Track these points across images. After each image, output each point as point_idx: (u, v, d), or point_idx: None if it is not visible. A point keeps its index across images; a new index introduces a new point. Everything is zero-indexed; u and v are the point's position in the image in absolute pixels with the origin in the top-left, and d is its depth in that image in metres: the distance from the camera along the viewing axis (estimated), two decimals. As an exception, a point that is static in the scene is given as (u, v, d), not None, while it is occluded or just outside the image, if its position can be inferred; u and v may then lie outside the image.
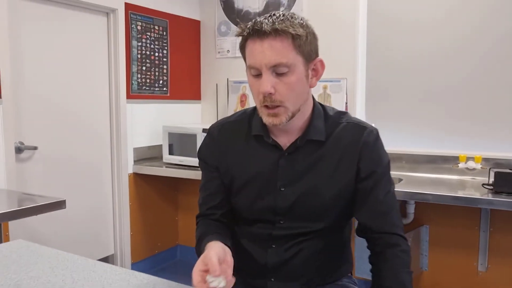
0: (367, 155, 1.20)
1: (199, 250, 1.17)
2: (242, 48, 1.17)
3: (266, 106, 1.13)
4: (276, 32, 1.07)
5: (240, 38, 1.16)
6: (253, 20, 1.12)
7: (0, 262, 1.30)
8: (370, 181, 1.20)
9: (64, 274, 1.21)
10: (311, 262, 1.24)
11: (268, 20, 1.09)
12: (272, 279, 1.26)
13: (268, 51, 1.08)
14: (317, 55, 1.18)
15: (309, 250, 1.23)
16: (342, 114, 1.27)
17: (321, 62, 1.20)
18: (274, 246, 1.24)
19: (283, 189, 1.22)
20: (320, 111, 1.25)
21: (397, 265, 1.15)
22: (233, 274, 1.36)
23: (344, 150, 1.21)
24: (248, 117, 1.29)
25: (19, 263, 1.29)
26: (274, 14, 1.11)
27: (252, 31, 1.10)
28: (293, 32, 1.08)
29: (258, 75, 1.12)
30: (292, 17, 1.12)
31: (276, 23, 1.08)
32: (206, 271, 0.98)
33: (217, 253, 1.01)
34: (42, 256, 1.35)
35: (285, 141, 1.23)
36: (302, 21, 1.13)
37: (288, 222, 1.23)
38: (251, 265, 1.28)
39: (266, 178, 1.23)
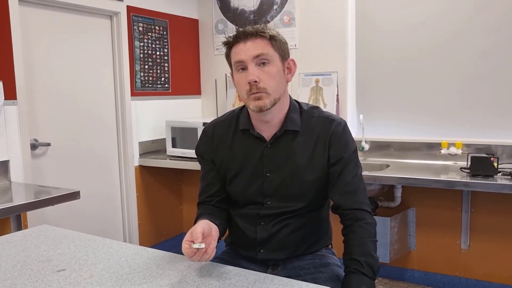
0: (335, 144, 1.42)
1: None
2: (228, 55, 1.43)
3: (252, 94, 1.35)
4: (256, 34, 1.36)
5: (225, 48, 1.43)
6: (235, 30, 1.41)
7: (31, 243, 1.52)
8: (339, 165, 1.41)
9: (87, 250, 1.44)
10: (294, 236, 1.46)
11: (249, 28, 1.38)
12: (261, 250, 1.48)
13: (251, 46, 1.36)
14: (289, 56, 1.44)
15: (292, 225, 1.45)
16: (315, 108, 1.50)
17: (293, 61, 1.46)
18: (262, 223, 1.46)
19: (269, 174, 1.44)
20: (295, 105, 1.48)
21: (363, 234, 1.36)
22: (228, 248, 1.60)
23: (317, 140, 1.43)
24: (236, 116, 1.52)
25: (47, 243, 1.52)
26: (268, 22, 1.38)
27: (237, 36, 1.38)
28: (270, 33, 1.37)
29: (244, 69, 1.37)
30: (267, 26, 1.41)
31: (256, 28, 1.37)
32: (192, 242, 1.20)
33: (202, 227, 1.24)
34: (66, 237, 1.58)
35: (267, 134, 1.45)
36: (274, 30, 1.41)
37: (274, 202, 1.45)
38: (243, 239, 1.50)
39: (254, 166, 1.45)
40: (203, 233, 1.22)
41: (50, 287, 1.16)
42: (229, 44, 1.40)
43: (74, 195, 2.45)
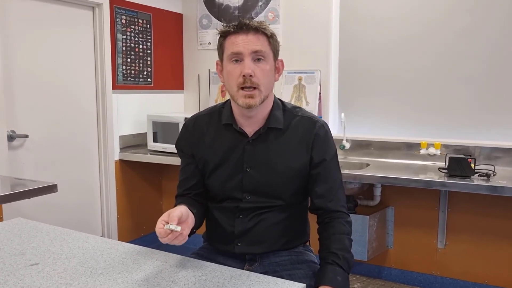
0: (318, 145, 1.44)
1: None
2: (222, 44, 1.41)
3: (243, 89, 1.35)
4: (259, 29, 1.36)
5: (219, 34, 1.41)
6: (237, 20, 1.39)
7: (4, 236, 1.49)
8: (321, 167, 1.43)
9: (62, 245, 1.42)
10: (272, 230, 1.47)
11: (250, 21, 1.37)
12: (239, 244, 1.48)
13: (252, 40, 1.35)
14: (278, 55, 1.45)
15: (270, 220, 1.46)
16: (297, 108, 1.51)
17: (282, 62, 1.47)
18: (241, 216, 1.47)
19: (249, 170, 1.44)
20: (278, 103, 1.49)
21: (342, 231, 1.39)
22: (206, 244, 1.60)
23: (300, 139, 1.44)
24: (218, 110, 1.52)
25: (21, 237, 1.49)
26: (253, 19, 1.37)
27: (238, 27, 1.36)
28: (270, 31, 1.39)
29: (238, 61, 1.36)
30: (266, 24, 1.41)
31: (258, 23, 1.37)
32: (167, 222, 1.20)
33: (181, 211, 1.24)
34: (41, 231, 1.55)
35: (250, 129, 1.45)
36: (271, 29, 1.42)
37: (253, 198, 1.45)
38: (221, 233, 1.51)
39: (234, 161, 1.45)
40: (180, 218, 1.22)
41: (22, 281, 1.14)
42: (227, 34, 1.38)
43: (51, 188, 2.40)
